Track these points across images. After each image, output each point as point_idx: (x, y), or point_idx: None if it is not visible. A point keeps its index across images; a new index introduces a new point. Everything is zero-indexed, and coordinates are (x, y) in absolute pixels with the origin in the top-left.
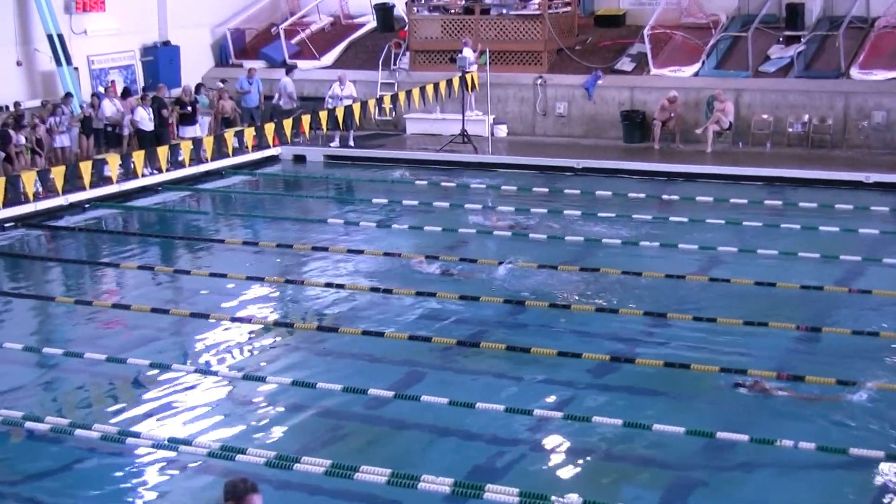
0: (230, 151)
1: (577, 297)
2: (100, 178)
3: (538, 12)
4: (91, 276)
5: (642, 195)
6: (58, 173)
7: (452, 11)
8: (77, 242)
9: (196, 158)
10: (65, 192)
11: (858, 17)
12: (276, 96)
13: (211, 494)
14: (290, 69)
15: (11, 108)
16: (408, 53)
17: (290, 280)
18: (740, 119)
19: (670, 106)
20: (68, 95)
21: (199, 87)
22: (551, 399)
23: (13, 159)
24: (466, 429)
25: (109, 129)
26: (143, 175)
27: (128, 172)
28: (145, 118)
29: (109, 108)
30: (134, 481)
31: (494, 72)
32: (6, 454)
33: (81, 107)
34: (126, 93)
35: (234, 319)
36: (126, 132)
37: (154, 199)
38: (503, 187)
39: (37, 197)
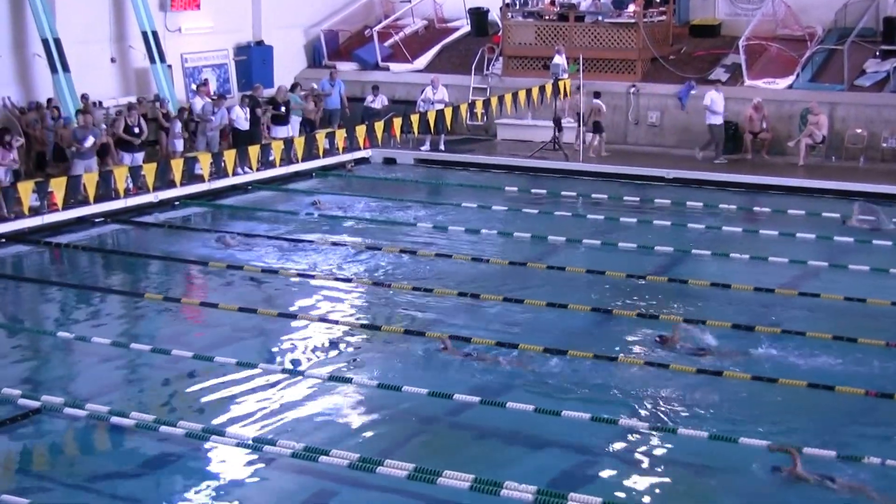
0: (321, 153)
1: (664, 308)
2: (191, 176)
3: (633, 20)
4: (179, 274)
5: (733, 207)
6: (149, 170)
7: (547, 18)
8: (166, 239)
9: (286, 159)
10: (155, 189)
11: None
12: (370, 98)
13: (294, 496)
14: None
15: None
16: (501, 59)
17: (377, 283)
18: (834, 133)
19: (757, 114)
20: (181, 110)
21: (294, 86)
22: (637, 409)
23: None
24: (551, 436)
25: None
26: (236, 174)
27: (219, 171)
28: (242, 118)
29: (201, 105)
30: (217, 480)
31: (587, 79)
32: (90, 449)
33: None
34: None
35: (321, 320)
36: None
37: (244, 197)
38: (593, 195)
39: (127, 193)
